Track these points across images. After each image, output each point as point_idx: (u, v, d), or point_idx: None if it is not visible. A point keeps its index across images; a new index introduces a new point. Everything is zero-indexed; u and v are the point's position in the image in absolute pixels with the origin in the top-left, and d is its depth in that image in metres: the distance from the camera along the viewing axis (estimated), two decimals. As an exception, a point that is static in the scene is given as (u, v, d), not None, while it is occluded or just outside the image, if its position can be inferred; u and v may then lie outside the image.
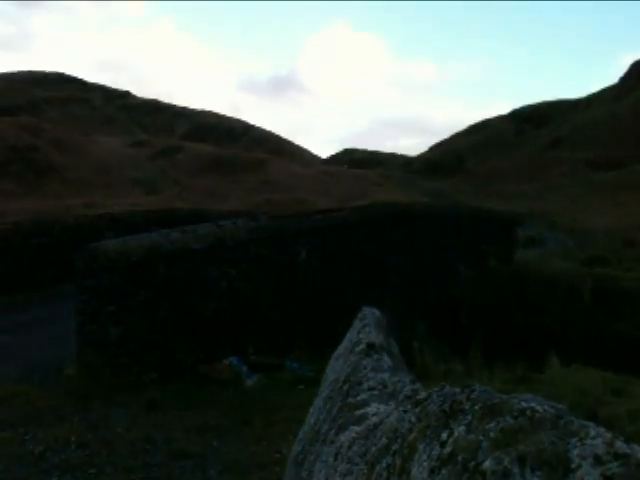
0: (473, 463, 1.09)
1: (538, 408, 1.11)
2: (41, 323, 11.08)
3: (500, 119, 64.81)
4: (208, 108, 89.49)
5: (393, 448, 1.46)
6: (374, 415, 1.93)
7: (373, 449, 1.63)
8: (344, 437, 2.00)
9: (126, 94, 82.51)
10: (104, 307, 8.13)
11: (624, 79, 61.06)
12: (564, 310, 12.53)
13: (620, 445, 0.96)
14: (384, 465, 1.48)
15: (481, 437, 1.12)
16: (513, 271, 15.44)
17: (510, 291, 13.59)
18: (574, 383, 6.63)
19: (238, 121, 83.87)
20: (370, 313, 3.10)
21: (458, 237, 15.65)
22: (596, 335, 11.60)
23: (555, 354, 8.86)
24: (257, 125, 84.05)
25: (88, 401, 7.11)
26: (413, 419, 1.41)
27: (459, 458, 1.14)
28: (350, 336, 2.96)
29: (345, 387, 2.35)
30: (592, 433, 1.00)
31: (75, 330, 8.30)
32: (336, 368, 2.81)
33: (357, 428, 1.95)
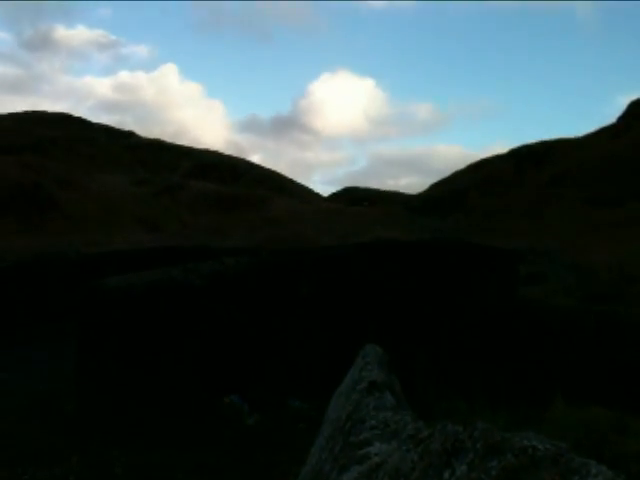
0: (475, 501, 1.09)
1: (539, 446, 1.11)
2: (42, 359, 11.03)
3: (499, 158, 65.34)
4: (211, 148, 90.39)
5: (395, 487, 1.45)
6: (376, 455, 1.91)
7: (375, 488, 1.62)
8: (346, 477, 1.99)
9: (130, 134, 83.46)
10: (105, 344, 8.10)
11: (621, 118, 61.83)
12: (567, 346, 12.44)
13: (621, 483, 0.97)
14: (387, 504, 1.47)
15: (483, 475, 1.12)
16: (514, 307, 15.37)
17: (512, 327, 13.51)
18: (578, 421, 6.55)
19: (240, 160, 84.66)
20: (372, 350, 3.10)
21: (459, 273, 15.62)
22: (600, 372, 11.49)
23: (559, 391, 8.77)
24: (259, 164, 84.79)
25: (87, 439, 7.03)
26: (415, 458, 1.41)
27: (461, 496, 1.14)
28: (352, 373, 2.95)
29: (347, 426, 2.34)
30: (593, 471, 1.01)
31: (75, 366, 8.25)
32: (338, 406, 2.80)
33: (359, 468, 1.94)
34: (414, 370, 9.54)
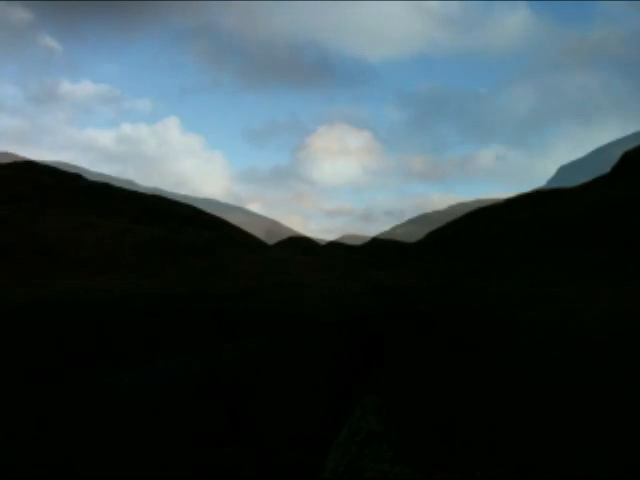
0: None
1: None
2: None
3: (495, 207, 66.06)
4: (211, 197, 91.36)
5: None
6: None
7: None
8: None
9: (128, 183, 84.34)
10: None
11: (616, 169, 63.05)
12: (569, 396, 12.32)
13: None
14: None
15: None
16: (513, 356, 15.28)
17: (511, 378, 13.40)
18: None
19: (238, 208, 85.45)
20: (370, 401, 3.08)
21: (457, 321, 15.60)
22: (604, 422, 11.35)
23: (561, 439, 8.65)
24: (257, 212, 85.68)
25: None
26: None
27: None
28: (350, 424, 2.93)
29: (345, 478, 2.31)
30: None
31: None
32: (336, 457, 2.76)
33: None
34: (413, 420, 9.41)
